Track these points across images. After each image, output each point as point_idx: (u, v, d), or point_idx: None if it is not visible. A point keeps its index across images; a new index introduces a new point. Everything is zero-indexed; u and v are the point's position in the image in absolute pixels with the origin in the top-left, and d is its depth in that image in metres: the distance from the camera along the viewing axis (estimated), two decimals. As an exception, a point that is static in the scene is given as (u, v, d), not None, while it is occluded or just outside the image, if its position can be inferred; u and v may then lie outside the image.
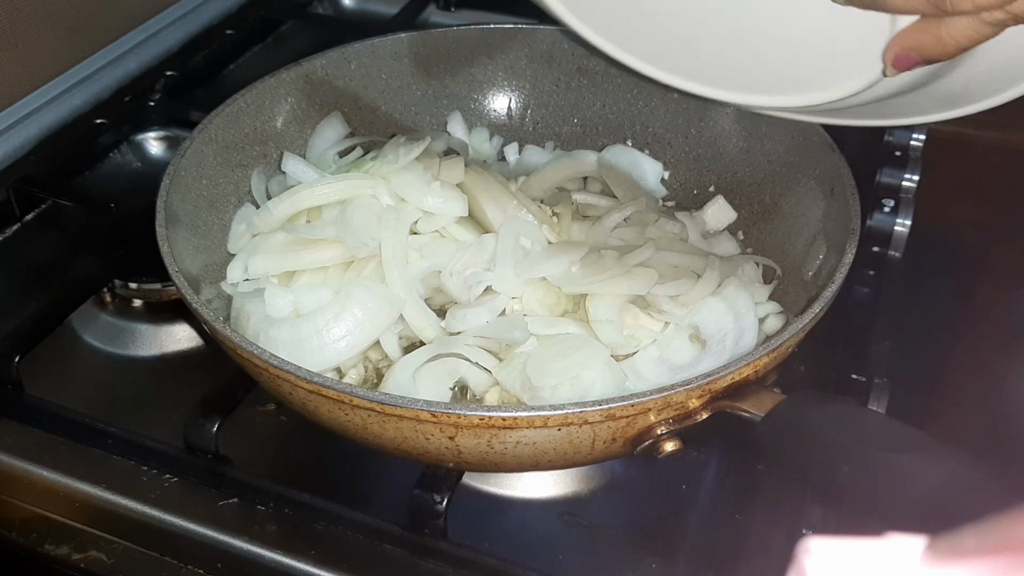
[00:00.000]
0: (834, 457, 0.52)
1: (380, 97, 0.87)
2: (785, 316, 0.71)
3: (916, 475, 0.48)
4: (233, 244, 0.75)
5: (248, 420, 0.71)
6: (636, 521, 0.67)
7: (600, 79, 0.88)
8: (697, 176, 0.85)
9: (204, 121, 0.76)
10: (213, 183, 0.76)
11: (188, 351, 0.79)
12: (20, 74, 0.96)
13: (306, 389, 0.56)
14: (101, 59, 1.04)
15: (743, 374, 0.57)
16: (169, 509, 0.63)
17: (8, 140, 0.95)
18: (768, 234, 0.78)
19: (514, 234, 0.73)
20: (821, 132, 0.74)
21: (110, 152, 0.97)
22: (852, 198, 0.68)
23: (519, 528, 0.66)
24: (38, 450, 0.67)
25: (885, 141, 1.01)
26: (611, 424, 0.55)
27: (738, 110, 0.81)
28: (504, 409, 0.54)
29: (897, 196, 0.91)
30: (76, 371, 0.77)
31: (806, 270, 0.71)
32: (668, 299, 0.70)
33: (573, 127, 0.90)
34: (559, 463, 0.60)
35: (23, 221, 0.89)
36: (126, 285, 0.80)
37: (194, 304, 0.61)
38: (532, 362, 0.65)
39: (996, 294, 1.50)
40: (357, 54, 0.86)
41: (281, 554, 0.61)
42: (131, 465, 0.66)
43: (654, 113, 0.87)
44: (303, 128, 0.84)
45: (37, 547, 0.64)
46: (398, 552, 0.61)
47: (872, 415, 0.64)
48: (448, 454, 0.57)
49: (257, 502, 0.64)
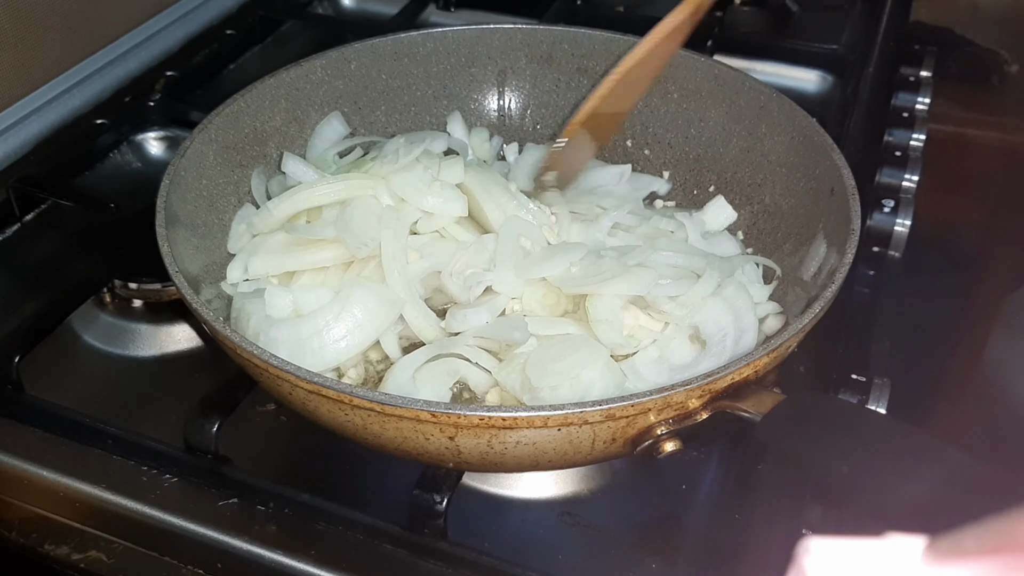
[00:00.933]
0: (834, 457, 0.51)
1: (380, 97, 0.87)
2: (785, 316, 0.71)
3: (916, 475, 0.48)
4: (233, 244, 0.75)
5: (248, 420, 0.71)
6: (636, 521, 0.67)
7: (600, 79, 0.87)
8: (697, 176, 0.85)
9: (204, 121, 0.76)
10: (213, 183, 0.76)
11: (188, 351, 0.79)
12: (20, 74, 0.96)
13: (306, 389, 0.56)
14: (101, 59, 1.04)
15: (743, 374, 0.57)
16: (169, 509, 0.63)
17: (8, 140, 0.95)
18: (768, 234, 0.78)
19: (514, 234, 0.73)
20: (821, 132, 0.75)
21: (110, 152, 0.97)
22: (852, 198, 0.68)
23: (519, 528, 0.66)
24: (38, 450, 0.67)
25: (885, 141, 1.01)
26: (611, 424, 0.55)
27: (739, 110, 0.81)
28: (504, 409, 0.54)
29: (897, 196, 0.91)
30: (76, 371, 0.77)
31: (806, 270, 0.71)
32: (668, 299, 0.70)
33: (573, 127, 0.89)
34: (559, 463, 0.60)
35: (23, 221, 0.89)
36: (126, 285, 0.80)
37: (194, 304, 0.61)
38: (532, 362, 0.65)
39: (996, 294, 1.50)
40: (357, 54, 0.86)
41: (281, 554, 0.61)
42: (131, 465, 0.66)
43: (654, 113, 0.87)
44: (303, 128, 0.84)
45: (37, 547, 0.64)
46: (398, 552, 0.61)
47: (872, 415, 0.64)
48: (448, 454, 0.57)
49: (257, 502, 0.64)
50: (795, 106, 0.78)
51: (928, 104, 1.08)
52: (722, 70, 0.83)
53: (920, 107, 1.07)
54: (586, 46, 0.87)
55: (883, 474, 0.49)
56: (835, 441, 0.53)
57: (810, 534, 0.29)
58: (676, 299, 0.70)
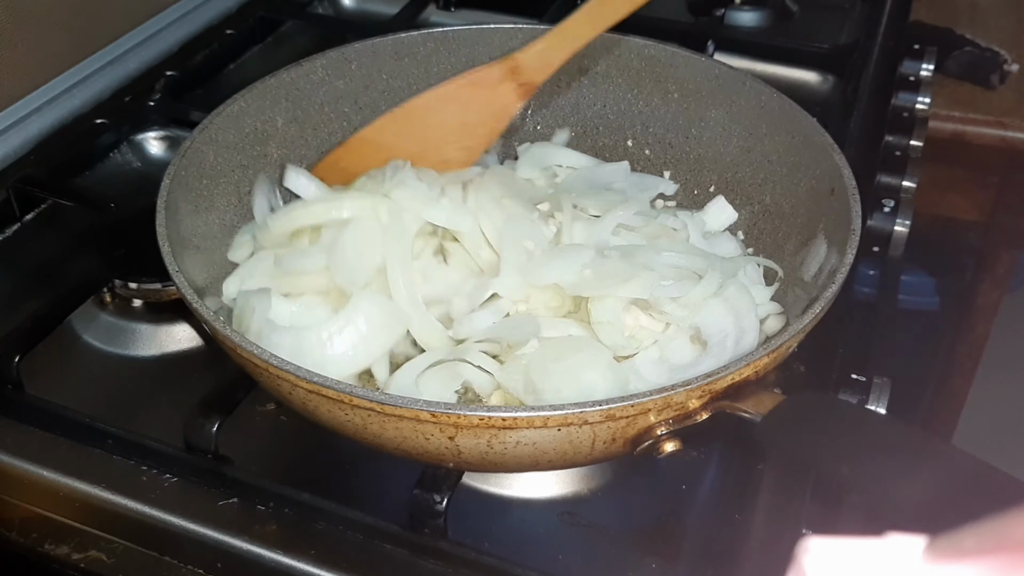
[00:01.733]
0: (834, 457, 0.52)
1: (381, 97, 0.87)
2: (785, 317, 0.71)
3: (916, 475, 0.48)
4: (235, 254, 0.74)
5: (248, 420, 0.71)
6: (636, 521, 0.67)
7: (600, 79, 0.88)
8: (698, 176, 0.85)
9: (205, 121, 0.76)
10: (214, 183, 0.76)
11: (188, 351, 0.79)
12: (20, 74, 0.96)
13: (306, 389, 0.56)
14: (101, 59, 1.04)
15: (743, 374, 0.56)
16: (169, 509, 0.63)
17: (8, 140, 0.95)
18: (769, 234, 0.78)
19: (517, 237, 0.72)
20: (822, 132, 0.75)
21: (110, 152, 0.97)
22: (853, 199, 0.68)
23: (519, 528, 0.66)
24: (38, 450, 0.67)
25: (885, 141, 1.01)
26: (611, 424, 0.55)
27: (739, 110, 0.81)
28: (504, 409, 0.54)
29: (897, 196, 0.91)
30: (76, 371, 0.77)
31: (807, 270, 0.71)
32: (670, 300, 0.69)
33: (573, 128, 0.90)
34: (559, 463, 0.60)
35: (23, 221, 0.89)
36: (126, 285, 0.80)
37: (194, 304, 0.61)
38: (534, 363, 0.65)
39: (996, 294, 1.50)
40: (358, 54, 0.86)
41: (281, 554, 0.61)
42: (131, 465, 0.66)
43: (655, 113, 0.87)
44: (304, 129, 0.84)
45: (37, 547, 0.64)
46: (398, 552, 0.61)
47: (872, 415, 0.64)
48: (448, 454, 0.57)
49: (257, 502, 0.64)
50: (796, 106, 0.78)
51: (928, 104, 1.08)
52: (723, 70, 0.83)
53: (920, 107, 1.07)
54: (587, 46, 0.87)
55: (883, 474, 0.49)
56: (835, 441, 0.53)
57: (810, 534, 0.29)
58: (678, 300, 0.69)
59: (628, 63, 0.86)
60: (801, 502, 0.64)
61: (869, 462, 0.51)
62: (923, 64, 1.13)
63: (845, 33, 1.20)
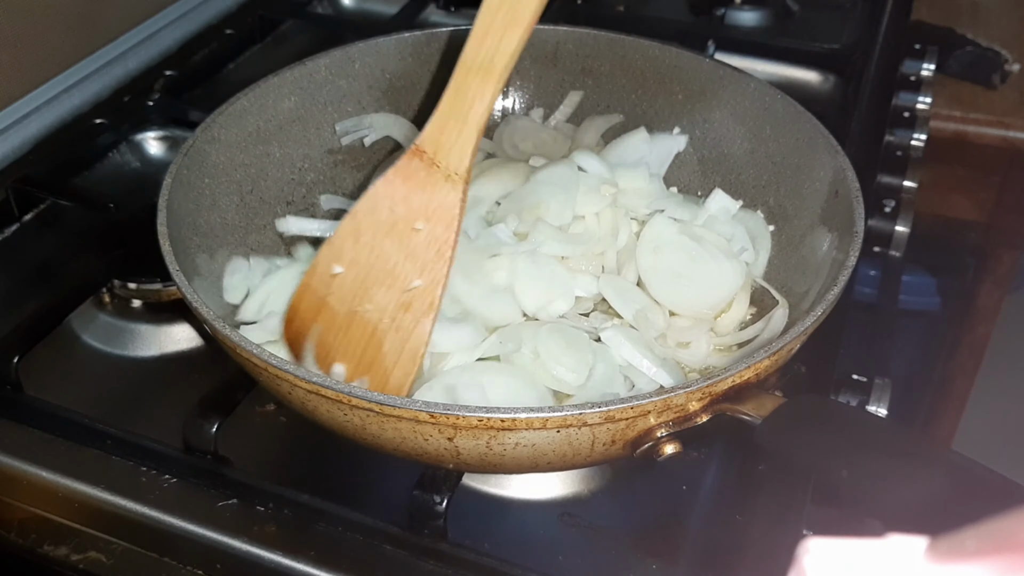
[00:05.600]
0: (834, 460, 0.51)
1: (383, 97, 0.87)
2: (787, 317, 0.71)
3: (916, 478, 0.48)
4: (231, 296, 0.73)
5: (248, 420, 0.71)
6: (636, 521, 0.67)
7: (605, 80, 0.87)
8: (701, 178, 0.85)
9: (207, 120, 0.76)
10: (215, 182, 0.75)
11: (188, 351, 0.79)
12: (19, 74, 0.96)
13: (305, 389, 0.56)
14: (100, 59, 1.04)
15: (743, 376, 0.56)
16: (168, 510, 0.63)
17: (8, 140, 0.95)
18: (772, 235, 0.78)
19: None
20: (826, 134, 0.74)
21: (109, 152, 0.97)
22: (856, 200, 0.68)
23: (519, 529, 0.66)
24: (37, 450, 0.67)
25: (886, 141, 1.01)
26: (610, 426, 0.55)
27: (743, 112, 0.81)
28: (503, 410, 0.53)
29: (898, 196, 0.91)
30: (76, 371, 0.77)
31: (808, 271, 0.71)
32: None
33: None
34: (558, 465, 0.59)
35: (22, 221, 0.89)
36: (126, 285, 0.80)
37: (194, 303, 0.61)
38: None
39: (996, 294, 1.50)
40: (361, 53, 0.85)
41: (281, 554, 0.61)
42: (130, 465, 0.66)
43: (659, 114, 0.86)
44: (306, 128, 0.83)
45: (36, 548, 0.64)
46: (398, 553, 0.61)
47: (872, 418, 0.64)
48: (447, 455, 0.57)
49: (256, 502, 0.64)
50: (799, 107, 0.77)
51: (929, 104, 1.08)
52: (726, 71, 0.82)
53: (921, 107, 1.07)
54: (590, 46, 0.87)
55: (883, 477, 0.49)
56: (835, 444, 0.53)
57: (810, 535, 0.29)
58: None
59: (632, 64, 0.86)
60: (802, 503, 0.64)
61: (869, 465, 0.50)
62: (924, 64, 1.13)
63: (846, 33, 1.20)
